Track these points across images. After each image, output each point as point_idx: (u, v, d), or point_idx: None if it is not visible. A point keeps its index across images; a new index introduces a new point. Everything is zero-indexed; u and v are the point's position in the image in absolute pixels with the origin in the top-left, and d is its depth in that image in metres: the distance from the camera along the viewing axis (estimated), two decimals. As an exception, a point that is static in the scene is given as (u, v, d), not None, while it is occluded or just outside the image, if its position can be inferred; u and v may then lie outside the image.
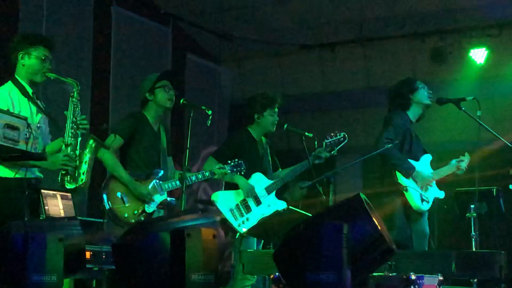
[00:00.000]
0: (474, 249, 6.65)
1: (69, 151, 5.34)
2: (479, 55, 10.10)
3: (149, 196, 6.19)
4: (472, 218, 6.92)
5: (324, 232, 3.99)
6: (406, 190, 6.38)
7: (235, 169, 6.64)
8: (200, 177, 6.49)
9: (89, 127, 5.52)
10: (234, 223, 6.77)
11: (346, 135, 6.97)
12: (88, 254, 6.30)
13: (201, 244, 4.29)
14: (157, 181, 6.28)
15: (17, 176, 5.08)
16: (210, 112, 6.41)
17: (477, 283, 5.57)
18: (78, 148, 5.39)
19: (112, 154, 6.24)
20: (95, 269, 6.62)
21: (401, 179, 6.44)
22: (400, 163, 6.49)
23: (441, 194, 6.65)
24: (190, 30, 11.00)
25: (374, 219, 4.15)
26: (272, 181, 6.99)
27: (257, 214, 6.83)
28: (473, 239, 6.74)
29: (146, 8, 10.14)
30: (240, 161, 6.68)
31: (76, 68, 8.75)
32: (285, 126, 7.12)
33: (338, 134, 7.00)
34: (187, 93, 10.60)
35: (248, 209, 6.82)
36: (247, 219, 6.79)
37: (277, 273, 4.44)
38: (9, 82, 5.45)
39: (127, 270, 4.43)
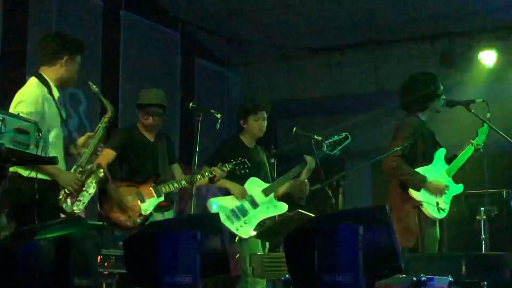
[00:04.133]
0: (484, 252, 6.64)
1: (78, 174, 5.40)
2: (488, 57, 10.10)
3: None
4: (482, 221, 6.91)
5: (341, 234, 3.98)
6: (421, 205, 6.33)
7: (237, 167, 6.66)
8: (199, 177, 6.50)
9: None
10: (232, 228, 6.78)
11: (348, 135, 6.97)
12: (98, 258, 6.34)
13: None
14: (154, 185, 6.34)
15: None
16: (219, 116, 6.45)
17: (487, 285, 5.55)
18: (85, 174, 5.44)
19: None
20: (104, 273, 6.65)
21: (414, 193, 6.36)
22: (408, 178, 6.40)
23: (459, 189, 6.54)
24: (198, 34, 11.03)
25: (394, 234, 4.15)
26: (268, 184, 7.00)
27: (255, 217, 6.83)
28: (483, 241, 6.73)
29: (155, 13, 10.18)
30: (243, 159, 6.68)
31: (85, 73, 8.77)
32: (294, 129, 7.12)
33: (339, 134, 7.01)
34: (196, 97, 10.63)
35: (244, 213, 6.82)
36: (245, 223, 6.80)
37: (286, 276, 4.44)
38: (36, 80, 5.39)
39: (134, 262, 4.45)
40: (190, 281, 4.14)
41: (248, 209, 6.85)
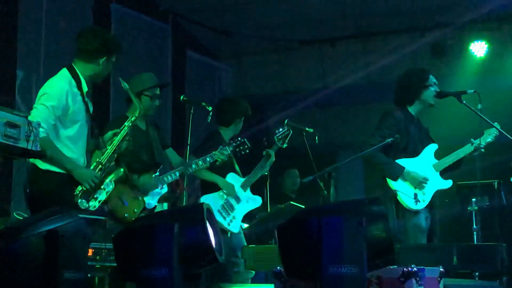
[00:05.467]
0: (475, 242, 6.66)
1: (97, 171, 5.38)
2: (479, 48, 10.11)
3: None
4: (473, 212, 6.93)
5: (346, 225, 3.98)
6: (396, 195, 6.36)
7: (237, 149, 6.69)
8: (201, 163, 6.51)
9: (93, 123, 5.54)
10: (224, 223, 6.85)
11: (288, 127, 7.04)
12: (90, 251, 6.33)
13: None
14: (156, 175, 6.32)
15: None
16: (210, 108, 6.48)
17: (478, 275, 5.57)
18: (105, 172, 5.43)
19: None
20: (97, 266, 6.64)
21: (391, 183, 6.40)
22: (385, 167, 6.45)
23: (446, 184, 6.56)
24: (189, 27, 11.00)
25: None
26: (244, 178, 7.04)
27: (240, 211, 6.94)
28: (474, 232, 6.75)
29: (145, 5, 10.15)
30: (243, 139, 6.72)
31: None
32: (286, 121, 7.15)
33: (283, 128, 7.10)
34: (187, 90, 10.61)
35: (231, 208, 6.89)
36: (234, 217, 6.89)
37: (278, 267, 4.44)
38: (67, 72, 5.41)
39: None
40: (166, 273, 4.15)
41: (233, 204, 6.90)
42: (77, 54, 5.49)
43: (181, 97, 6.55)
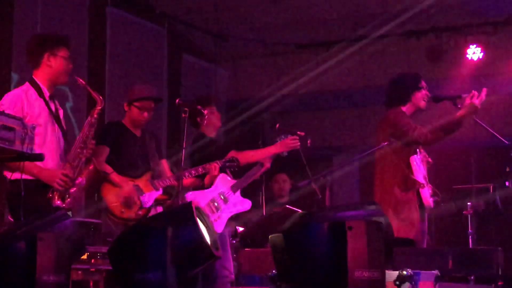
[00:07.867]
0: (471, 246, 6.66)
1: (70, 169, 5.35)
2: (474, 52, 10.13)
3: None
4: (468, 215, 6.94)
5: (369, 229, 3.98)
6: (423, 187, 6.30)
7: (227, 164, 6.68)
8: (194, 172, 6.52)
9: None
10: None
11: (300, 134, 7.03)
12: (85, 255, 6.33)
13: None
14: (150, 179, 6.34)
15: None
16: (206, 112, 6.46)
17: (474, 279, 5.57)
18: (78, 169, 5.39)
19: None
20: (91, 269, 6.63)
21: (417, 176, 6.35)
22: (445, 122, 6.41)
23: None
24: (185, 30, 11.00)
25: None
26: (236, 180, 7.02)
27: (225, 212, 6.89)
28: (470, 236, 6.75)
29: (141, 9, 10.14)
30: (234, 158, 6.70)
31: (71, 70, 8.73)
32: (277, 126, 7.14)
33: (282, 135, 7.07)
34: (183, 93, 10.60)
35: (217, 208, 6.85)
36: (218, 217, 6.84)
37: (273, 271, 4.43)
38: (26, 83, 5.45)
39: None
40: (159, 277, 4.16)
41: (220, 204, 6.87)
42: (29, 65, 5.52)
43: (177, 101, 6.54)
